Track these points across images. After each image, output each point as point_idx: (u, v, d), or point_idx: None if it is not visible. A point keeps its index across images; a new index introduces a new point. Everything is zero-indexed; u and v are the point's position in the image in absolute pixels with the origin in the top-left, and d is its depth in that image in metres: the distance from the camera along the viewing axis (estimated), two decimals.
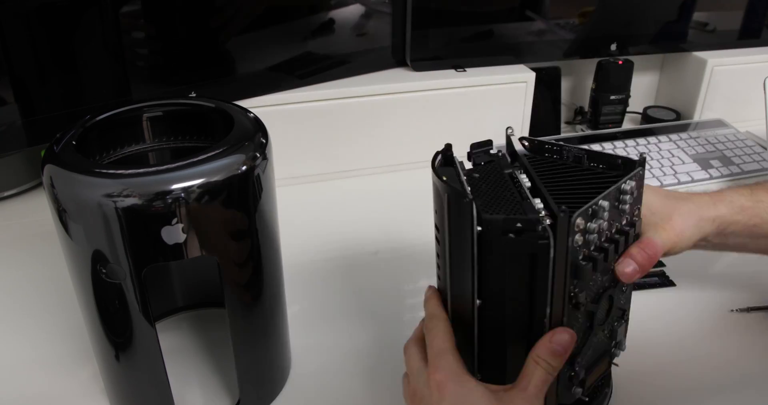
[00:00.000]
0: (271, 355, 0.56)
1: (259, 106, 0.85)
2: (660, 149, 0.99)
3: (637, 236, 0.50)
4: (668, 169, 0.94)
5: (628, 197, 0.46)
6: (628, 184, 0.46)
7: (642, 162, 0.47)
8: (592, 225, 0.43)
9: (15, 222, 0.83)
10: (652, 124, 1.08)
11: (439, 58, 0.95)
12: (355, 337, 0.65)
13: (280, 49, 0.89)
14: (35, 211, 0.85)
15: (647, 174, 0.92)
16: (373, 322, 0.66)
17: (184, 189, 0.43)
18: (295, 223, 0.83)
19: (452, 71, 0.95)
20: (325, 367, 0.61)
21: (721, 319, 0.67)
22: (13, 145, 0.78)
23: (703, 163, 0.96)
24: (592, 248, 0.45)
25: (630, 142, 1.00)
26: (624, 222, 0.47)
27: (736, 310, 0.68)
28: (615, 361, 0.53)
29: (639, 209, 0.49)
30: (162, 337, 0.50)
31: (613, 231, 0.46)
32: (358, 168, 0.94)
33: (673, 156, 0.97)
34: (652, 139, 1.01)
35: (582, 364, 0.48)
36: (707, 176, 0.93)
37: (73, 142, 0.47)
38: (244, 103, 0.75)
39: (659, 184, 0.91)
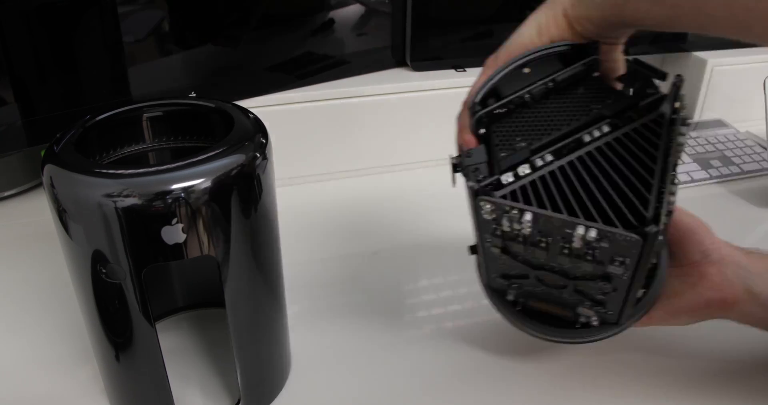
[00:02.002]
0: (271, 355, 0.56)
1: (259, 106, 0.85)
2: None
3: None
4: None
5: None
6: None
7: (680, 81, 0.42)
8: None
9: (15, 222, 0.83)
10: None
11: (439, 58, 0.95)
12: (355, 337, 0.65)
13: (280, 49, 0.89)
14: (35, 211, 0.85)
15: None
16: (373, 322, 0.66)
17: (184, 189, 0.43)
18: (295, 223, 0.83)
19: (452, 71, 0.95)
20: (325, 367, 0.61)
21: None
22: (13, 145, 0.78)
23: (703, 163, 0.96)
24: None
25: None
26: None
27: None
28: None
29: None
30: (162, 337, 0.50)
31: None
32: (358, 168, 0.94)
33: None
34: None
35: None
36: (707, 176, 0.93)
37: (73, 142, 0.47)
38: (244, 103, 0.75)
39: None
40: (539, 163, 0.44)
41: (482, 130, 0.46)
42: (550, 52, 0.47)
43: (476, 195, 0.42)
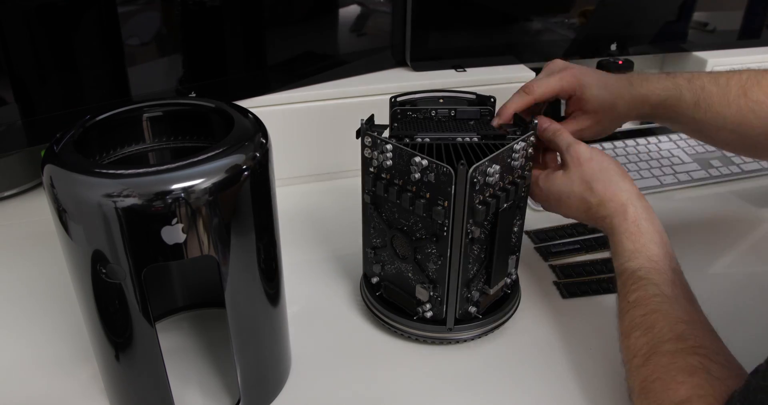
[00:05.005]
0: (271, 355, 0.56)
1: (259, 106, 0.85)
2: (660, 149, 0.99)
3: (527, 188, 0.63)
4: (668, 169, 0.94)
5: (517, 156, 0.58)
6: (519, 145, 0.58)
7: (534, 126, 0.60)
8: (488, 178, 0.55)
9: (15, 222, 0.83)
10: (652, 124, 1.08)
11: (439, 58, 0.95)
12: (355, 337, 0.65)
13: (280, 49, 0.89)
14: (35, 211, 0.85)
15: (647, 174, 0.93)
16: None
17: (184, 189, 0.43)
18: (294, 223, 0.83)
19: (452, 71, 0.95)
20: (325, 367, 0.61)
21: (721, 319, 0.67)
22: (13, 145, 0.78)
23: (703, 162, 0.96)
24: (486, 195, 0.56)
25: (630, 141, 1.00)
26: (516, 175, 0.59)
27: None
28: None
29: (530, 165, 0.61)
30: (162, 337, 0.50)
31: (506, 182, 0.58)
32: (358, 168, 0.94)
33: (673, 156, 0.97)
34: (652, 139, 1.01)
35: (478, 287, 0.61)
36: (707, 176, 0.93)
37: (73, 142, 0.47)
38: (244, 103, 0.75)
39: (659, 183, 0.91)
40: (419, 140, 0.59)
41: (395, 124, 0.64)
42: (461, 96, 0.66)
43: (363, 132, 0.58)
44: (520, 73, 0.95)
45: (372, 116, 0.61)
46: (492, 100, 0.66)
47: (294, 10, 0.88)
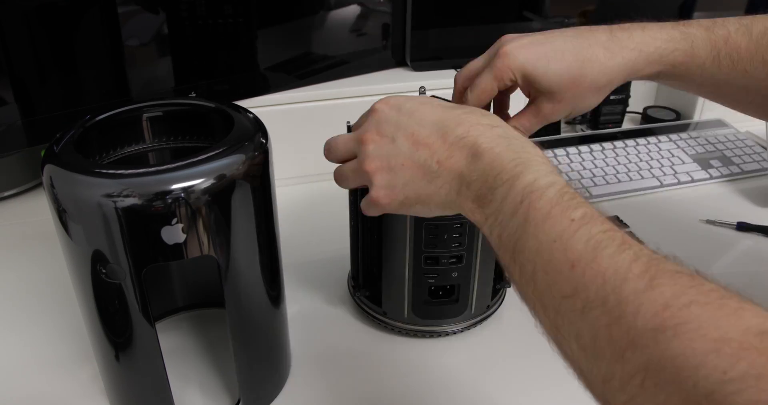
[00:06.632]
0: (271, 355, 0.56)
1: (259, 106, 0.85)
2: (660, 149, 0.99)
3: None
4: (668, 169, 0.94)
5: None
6: None
7: None
8: None
9: (15, 222, 0.83)
10: (652, 124, 1.08)
11: (439, 58, 0.95)
12: (355, 337, 0.65)
13: (280, 49, 0.89)
14: (35, 211, 0.85)
15: (647, 174, 0.93)
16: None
17: (184, 189, 0.43)
18: (294, 223, 0.83)
19: (452, 71, 0.95)
20: (325, 367, 0.61)
21: None
22: (13, 145, 0.78)
23: (703, 163, 0.96)
24: None
25: (630, 142, 1.00)
26: None
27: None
28: None
29: None
30: (162, 337, 0.50)
31: None
32: None
33: (673, 156, 0.97)
34: (652, 139, 1.01)
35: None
36: (707, 176, 0.93)
37: (73, 142, 0.47)
38: (244, 103, 0.75)
39: (659, 183, 0.91)
40: None
41: None
42: None
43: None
44: None
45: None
46: None
47: (294, 9, 0.88)
